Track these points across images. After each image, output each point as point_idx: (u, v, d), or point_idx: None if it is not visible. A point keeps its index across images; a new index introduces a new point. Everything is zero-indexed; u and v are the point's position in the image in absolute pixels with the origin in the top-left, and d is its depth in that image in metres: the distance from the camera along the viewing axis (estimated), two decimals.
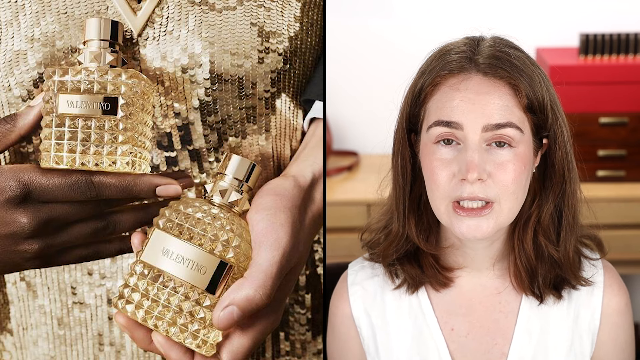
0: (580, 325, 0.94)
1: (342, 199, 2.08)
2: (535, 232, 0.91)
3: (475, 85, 0.85)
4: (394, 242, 0.94)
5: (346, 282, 0.99)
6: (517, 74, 0.85)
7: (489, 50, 0.87)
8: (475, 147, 0.84)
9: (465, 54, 0.87)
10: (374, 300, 0.97)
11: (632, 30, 2.12)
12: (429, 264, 0.94)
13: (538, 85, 0.86)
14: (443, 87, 0.87)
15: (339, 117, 2.32)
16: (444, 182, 0.86)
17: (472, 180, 0.84)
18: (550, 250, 0.91)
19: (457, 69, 0.86)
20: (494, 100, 0.85)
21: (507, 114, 0.85)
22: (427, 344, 0.94)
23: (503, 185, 0.85)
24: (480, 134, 0.84)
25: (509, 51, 0.87)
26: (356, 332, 0.98)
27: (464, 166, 0.84)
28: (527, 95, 0.85)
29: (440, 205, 0.87)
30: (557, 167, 0.89)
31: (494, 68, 0.85)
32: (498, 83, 0.85)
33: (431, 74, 0.88)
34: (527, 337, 0.93)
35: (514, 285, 0.94)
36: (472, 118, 0.84)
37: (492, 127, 0.84)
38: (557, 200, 0.90)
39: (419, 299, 0.95)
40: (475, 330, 0.94)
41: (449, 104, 0.86)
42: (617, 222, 1.99)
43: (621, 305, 0.95)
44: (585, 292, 0.94)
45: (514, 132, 0.85)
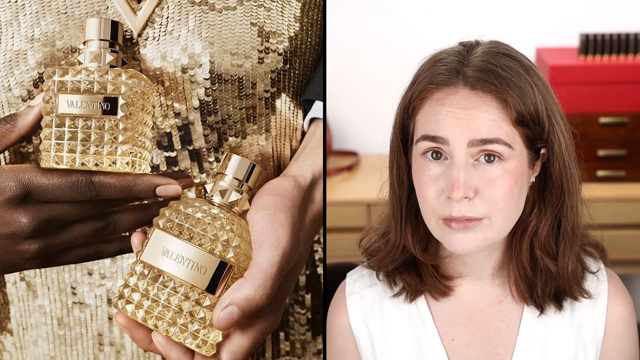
0: (584, 336, 0.92)
1: (342, 199, 2.08)
2: (532, 243, 0.89)
3: (461, 100, 0.83)
4: (392, 252, 0.93)
5: (344, 292, 0.97)
6: (506, 87, 0.82)
7: (478, 62, 0.84)
8: (461, 164, 0.82)
9: (452, 66, 0.84)
10: (372, 310, 0.95)
11: (632, 30, 2.13)
12: (428, 272, 0.92)
13: (530, 97, 0.83)
14: (429, 102, 0.85)
15: (339, 117, 2.32)
16: (432, 199, 0.84)
17: (457, 199, 0.82)
18: (546, 263, 0.89)
19: (443, 83, 0.84)
20: (480, 115, 0.82)
21: (495, 129, 0.82)
22: (427, 354, 0.93)
23: (492, 202, 0.83)
24: (466, 150, 0.82)
25: (500, 61, 0.84)
26: (354, 343, 0.96)
27: (449, 184, 0.82)
28: (517, 109, 0.82)
29: (430, 220, 0.86)
30: (554, 178, 0.87)
31: (481, 82, 0.82)
32: (486, 97, 0.82)
33: (418, 86, 0.86)
34: (529, 348, 0.92)
35: (513, 295, 0.92)
36: (458, 133, 0.82)
37: (478, 142, 0.82)
38: (556, 212, 0.88)
39: (418, 308, 0.94)
40: (477, 340, 0.93)
41: (435, 118, 0.83)
42: (617, 222, 1.99)
43: (626, 315, 0.93)
44: (589, 302, 0.93)
45: (502, 149, 0.82)
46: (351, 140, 2.35)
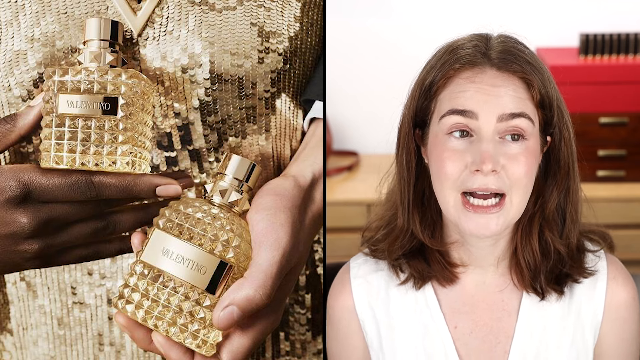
0: (583, 320, 0.93)
1: (342, 199, 2.08)
2: (541, 227, 0.91)
3: (489, 78, 0.86)
4: (399, 238, 0.94)
5: (348, 275, 0.98)
6: (530, 69, 0.86)
7: (501, 46, 0.88)
8: (489, 138, 0.85)
9: (478, 48, 0.88)
10: (379, 295, 0.96)
11: (632, 30, 2.13)
12: (436, 259, 0.94)
13: (548, 82, 0.88)
14: (457, 79, 0.88)
15: (339, 117, 2.32)
16: (455, 173, 0.86)
17: (486, 171, 0.84)
18: (556, 244, 0.91)
19: (470, 63, 0.87)
20: (508, 92, 0.86)
21: (521, 104, 0.86)
22: (434, 340, 0.94)
23: (516, 178, 0.86)
24: (494, 124, 0.85)
25: (520, 47, 0.89)
26: (358, 326, 0.97)
27: (478, 157, 0.85)
28: (539, 90, 0.86)
29: (449, 197, 0.87)
30: (562, 163, 0.90)
31: (508, 62, 0.86)
32: (511, 77, 0.86)
33: (444, 67, 0.88)
34: (528, 336, 0.93)
35: (514, 282, 0.94)
36: (487, 108, 0.85)
37: (507, 116, 0.85)
38: (561, 197, 0.91)
39: (425, 295, 0.95)
40: (479, 329, 0.94)
41: (463, 95, 0.86)
42: (617, 222, 1.99)
43: (627, 299, 0.94)
44: (588, 286, 0.93)
45: (527, 124, 0.86)
46: (351, 140, 2.35)
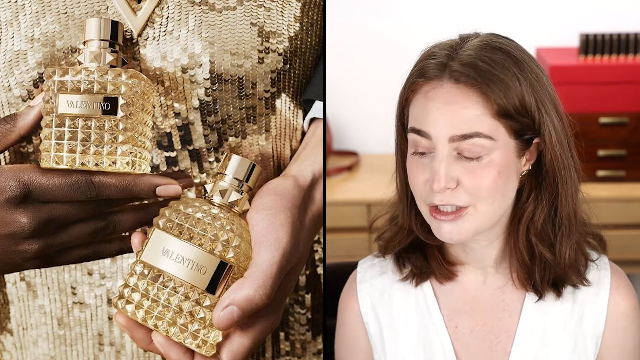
0: (584, 327, 0.93)
1: (342, 199, 2.08)
2: (528, 230, 0.90)
3: (444, 94, 0.84)
4: (399, 234, 0.95)
5: (355, 280, 0.99)
6: (488, 81, 0.83)
7: (465, 56, 0.85)
8: (442, 157, 0.84)
9: (440, 60, 0.86)
10: (382, 297, 0.97)
11: (632, 30, 2.13)
12: (434, 255, 0.95)
13: (516, 90, 0.84)
14: (418, 95, 0.87)
15: (339, 117, 2.32)
16: (420, 187, 0.87)
17: (437, 190, 0.84)
18: (542, 251, 0.90)
19: (430, 77, 0.86)
20: (460, 110, 0.84)
21: (475, 123, 0.84)
22: (433, 341, 0.94)
23: (474, 192, 0.85)
24: (447, 145, 0.84)
25: (487, 55, 0.85)
26: (364, 330, 0.98)
27: (432, 176, 0.85)
28: (498, 102, 0.83)
29: (421, 207, 0.89)
30: (546, 168, 0.88)
31: (464, 76, 0.84)
32: (468, 91, 0.84)
33: (410, 80, 0.88)
34: (529, 336, 0.93)
35: (513, 282, 0.94)
36: (439, 128, 0.84)
37: (459, 137, 0.84)
38: (552, 201, 0.89)
39: (424, 294, 0.95)
40: (479, 328, 0.94)
41: (422, 112, 0.86)
42: (617, 222, 1.99)
43: (629, 308, 0.94)
44: (591, 293, 0.93)
45: (483, 142, 0.84)
46: (351, 140, 2.35)
